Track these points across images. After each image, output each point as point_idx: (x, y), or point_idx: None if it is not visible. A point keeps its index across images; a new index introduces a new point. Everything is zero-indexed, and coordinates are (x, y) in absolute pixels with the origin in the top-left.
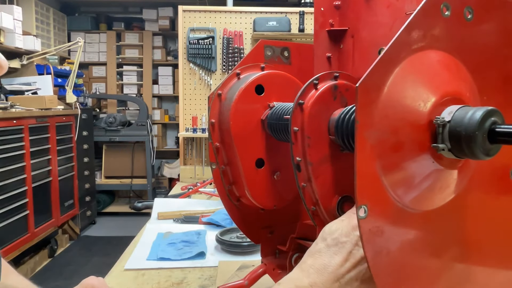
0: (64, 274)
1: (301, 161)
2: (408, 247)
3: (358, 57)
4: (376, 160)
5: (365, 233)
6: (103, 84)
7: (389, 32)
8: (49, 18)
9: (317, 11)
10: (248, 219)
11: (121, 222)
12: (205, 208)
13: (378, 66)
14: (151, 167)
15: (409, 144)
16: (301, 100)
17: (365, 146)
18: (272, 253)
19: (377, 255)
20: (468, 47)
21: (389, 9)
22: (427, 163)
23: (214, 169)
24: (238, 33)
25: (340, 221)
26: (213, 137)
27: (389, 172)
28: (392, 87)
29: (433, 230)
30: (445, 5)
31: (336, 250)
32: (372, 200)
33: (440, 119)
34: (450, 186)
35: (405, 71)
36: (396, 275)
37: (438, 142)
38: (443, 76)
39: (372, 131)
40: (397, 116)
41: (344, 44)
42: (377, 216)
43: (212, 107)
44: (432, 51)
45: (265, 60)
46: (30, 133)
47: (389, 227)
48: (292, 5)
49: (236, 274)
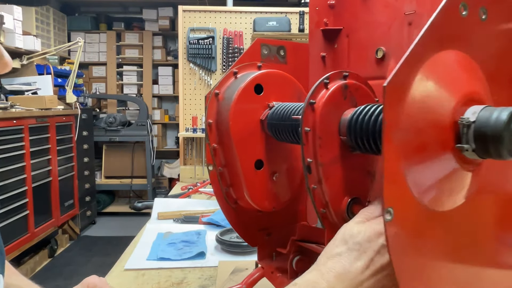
0: (64, 274)
1: (312, 162)
2: (430, 249)
3: (353, 57)
4: (402, 161)
5: (391, 236)
6: (103, 84)
7: (387, 32)
8: (49, 18)
9: (312, 10)
10: (245, 222)
11: (121, 222)
12: (205, 208)
13: (404, 66)
14: (151, 167)
15: (433, 144)
16: (312, 100)
17: (392, 147)
18: (269, 256)
19: (402, 259)
20: (481, 47)
21: (387, 9)
22: (450, 164)
23: (211, 171)
24: (238, 33)
25: (360, 224)
26: (210, 138)
27: (413, 173)
28: (416, 86)
29: (450, 231)
30: (463, 5)
31: (358, 255)
32: (398, 202)
33: (465, 119)
34: (466, 187)
35: (428, 71)
36: (419, 278)
37: (463, 142)
38: (463, 76)
39: (399, 131)
40: (422, 116)
41: (339, 43)
42: (402, 218)
43: (209, 107)
44: (451, 51)
45: (261, 59)
46: (30, 133)
47: (413, 229)
48: (292, 5)
49: (230, 278)
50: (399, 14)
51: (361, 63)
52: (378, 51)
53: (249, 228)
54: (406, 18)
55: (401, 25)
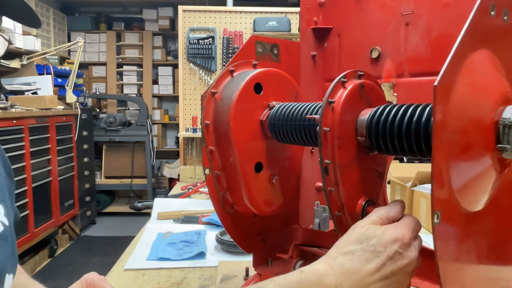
0: (64, 274)
1: (330, 163)
2: (467, 252)
3: (345, 57)
4: (448, 163)
5: (439, 239)
6: (103, 84)
7: (383, 32)
8: (49, 18)
9: (303, 8)
10: (241, 227)
11: (121, 222)
12: (205, 208)
13: (450, 66)
14: (151, 167)
15: (476, 145)
16: (331, 99)
17: (441, 148)
18: (264, 262)
19: (447, 262)
20: (504, 47)
21: (382, 9)
22: (487, 164)
23: (208, 175)
24: (238, 33)
25: (376, 227)
26: (207, 140)
27: (456, 175)
28: (459, 86)
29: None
30: (492, 5)
31: (371, 257)
32: (444, 204)
33: (507, 119)
34: (494, 188)
35: (468, 70)
36: (459, 281)
37: (503, 142)
38: (496, 75)
39: (446, 132)
40: (465, 116)
41: (329, 42)
42: (448, 221)
43: (206, 107)
44: (484, 50)
45: (256, 57)
46: (30, 133)
47: (456, 231)
48: (292, 5)
49: (221, 287)
50: (396, 14)
51: (354, 62)
52: (373, 51)
53: (245, 234)
54: (403, 18)
55: (397, 25)
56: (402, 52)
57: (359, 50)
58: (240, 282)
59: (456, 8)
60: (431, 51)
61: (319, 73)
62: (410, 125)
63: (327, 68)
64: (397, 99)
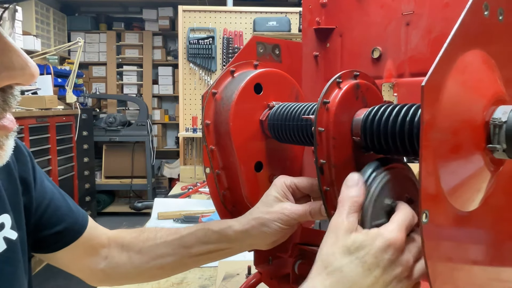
0: (64, 274)
1: (325, 163)
2: (457, 251)
3: (347, 57)
4: (437, 163)
5: (427, 238)
6: (103, 84)
7: (384, 32)
8: (49, 18)
9: (305, 8)
10: None
11: (121, 222)
12: (205, 208)
13: (439, 65)
14: (151, 167)
15: (466, 145)
16: (326, 99)
17: (429, 148)
18: (265, 261)
19: (436, 262)
20: (499, 48)
21: (383, 9)
22: (478, 165)
23: (208, 174)
24: (238, 33)
25: (364, 233)
26: (208, 140)
27: (446, 174)
28: (450, 86)
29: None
30: (485, 5)
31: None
32: (432, 204)
33: (497, 119)
34: (487, 188)
35: (459, 70)
36: (450, 281)
37: (494, 142)
38: (489, 76)
39: (436, 132)
40: (456, 116)
41: (331, 43)
42: (437, 220)
43: (207, 107)
44: (476, 50)
45: (257, 57)
46: (30, 133)
47: (446, 231)
48: (292, 5)
49: (223, 285)
50: (396, 14)
51: (356, 63)
52: (374, 51)
53: None
54: (403, 18)
55: (398, 25)
56: (403, 52)
57: (360, 50)
58: (242, 280)
59: (457, 8)
60: (431, 51)
61: (321, 73)
62: (404, 125)
63: (329, 69)
64: (397, 99)
